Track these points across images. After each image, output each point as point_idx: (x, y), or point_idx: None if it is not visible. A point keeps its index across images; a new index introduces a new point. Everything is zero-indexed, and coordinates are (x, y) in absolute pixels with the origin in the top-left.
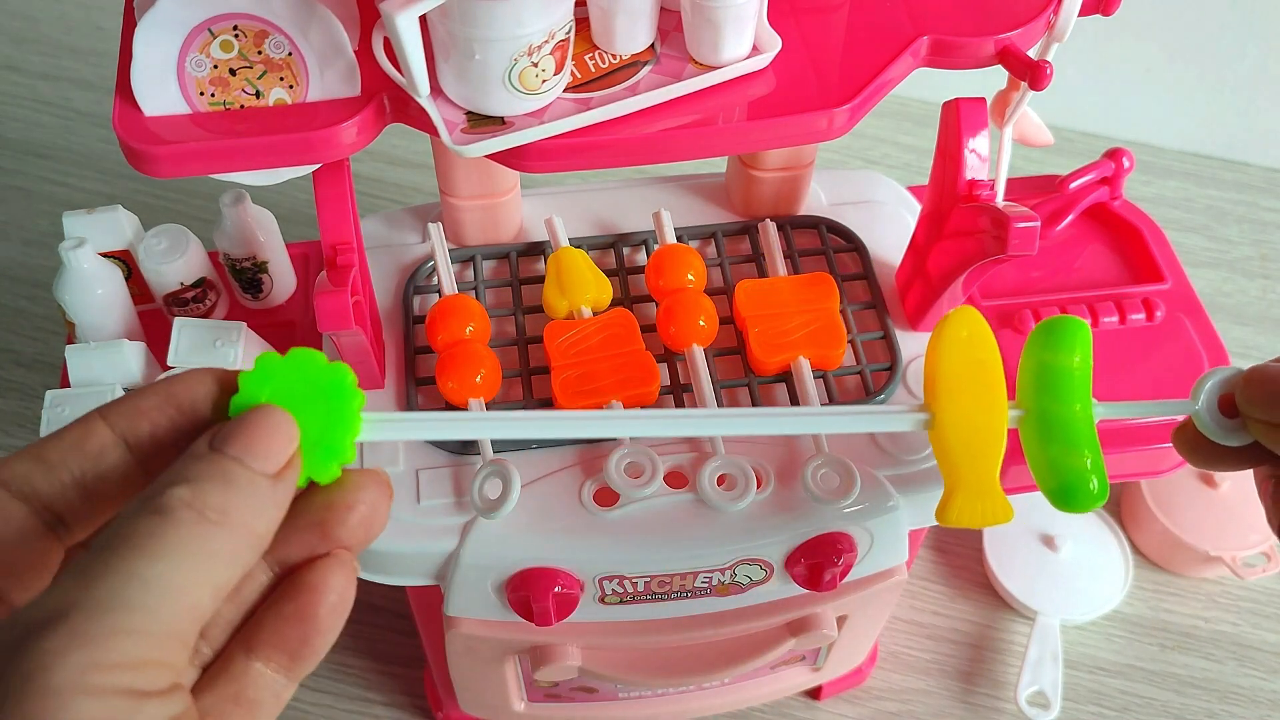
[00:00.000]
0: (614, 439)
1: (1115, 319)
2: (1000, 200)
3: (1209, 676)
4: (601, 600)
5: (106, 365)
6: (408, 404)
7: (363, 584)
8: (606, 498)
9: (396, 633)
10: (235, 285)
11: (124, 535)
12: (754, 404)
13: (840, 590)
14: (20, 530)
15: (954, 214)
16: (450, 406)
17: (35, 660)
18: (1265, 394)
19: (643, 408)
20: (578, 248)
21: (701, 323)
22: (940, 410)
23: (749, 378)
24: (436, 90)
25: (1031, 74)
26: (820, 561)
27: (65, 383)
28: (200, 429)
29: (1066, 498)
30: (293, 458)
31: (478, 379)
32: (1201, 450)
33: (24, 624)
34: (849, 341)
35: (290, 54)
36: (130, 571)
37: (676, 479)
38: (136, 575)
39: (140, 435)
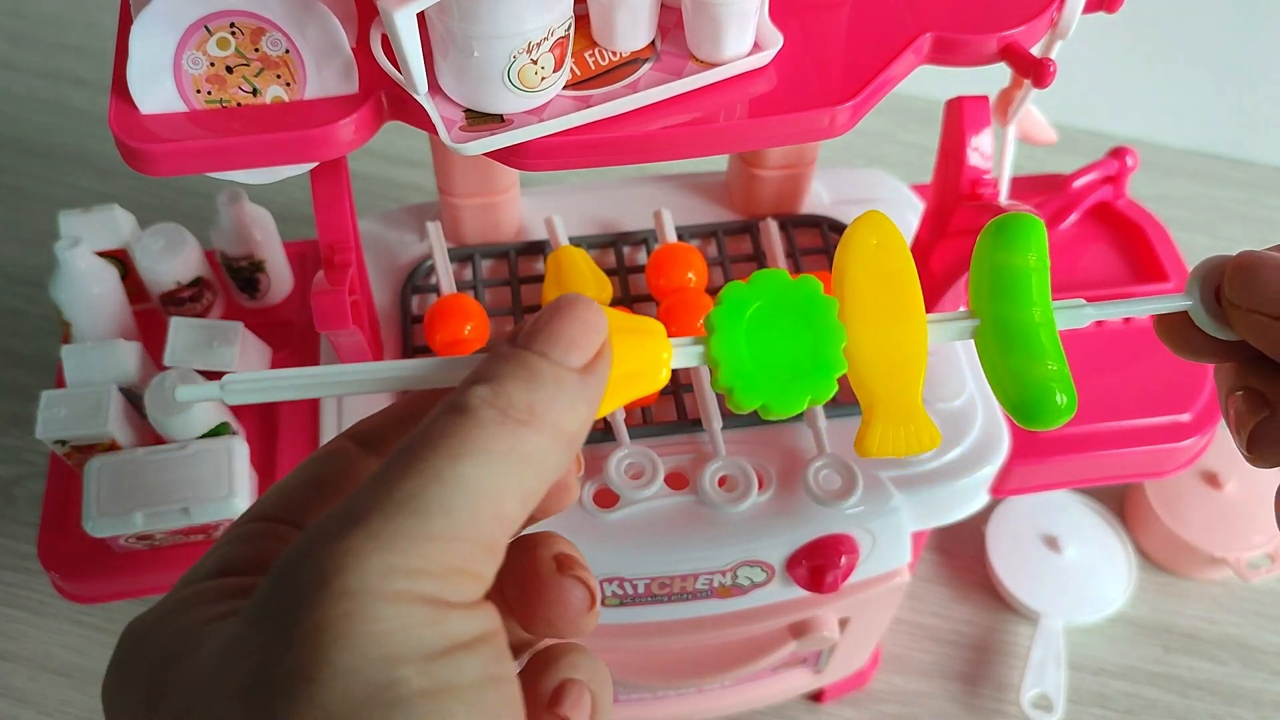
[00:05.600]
0: (614, 440)
1: (1119, 318)
2: (1004, 198)
3: (1213, 679)
4: (601, 602)
5: (102, 365)
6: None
7: None
8: (606, 499)
9: None
10: (232, 284)
11: (423, 436)
12: None
13: (842, 592)
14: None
15: (957, 212)
16: None
17: (331, 561)
18: (1248, 282)
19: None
20: (577, 246)
21: (702, 322)
22: (851, 327)
23: None
24: (435, 88)
25: (1035, 71)
26: (822, 563)
27: (61, 383)
28: None
29: (1030, 412)
30: (602, 348)
31: None
32: (1190, 341)
33: (320, 529)
34: None
35: (287, 51)
36: (429, 472)
37: (677, 480)
38: (436, 476)
39: None
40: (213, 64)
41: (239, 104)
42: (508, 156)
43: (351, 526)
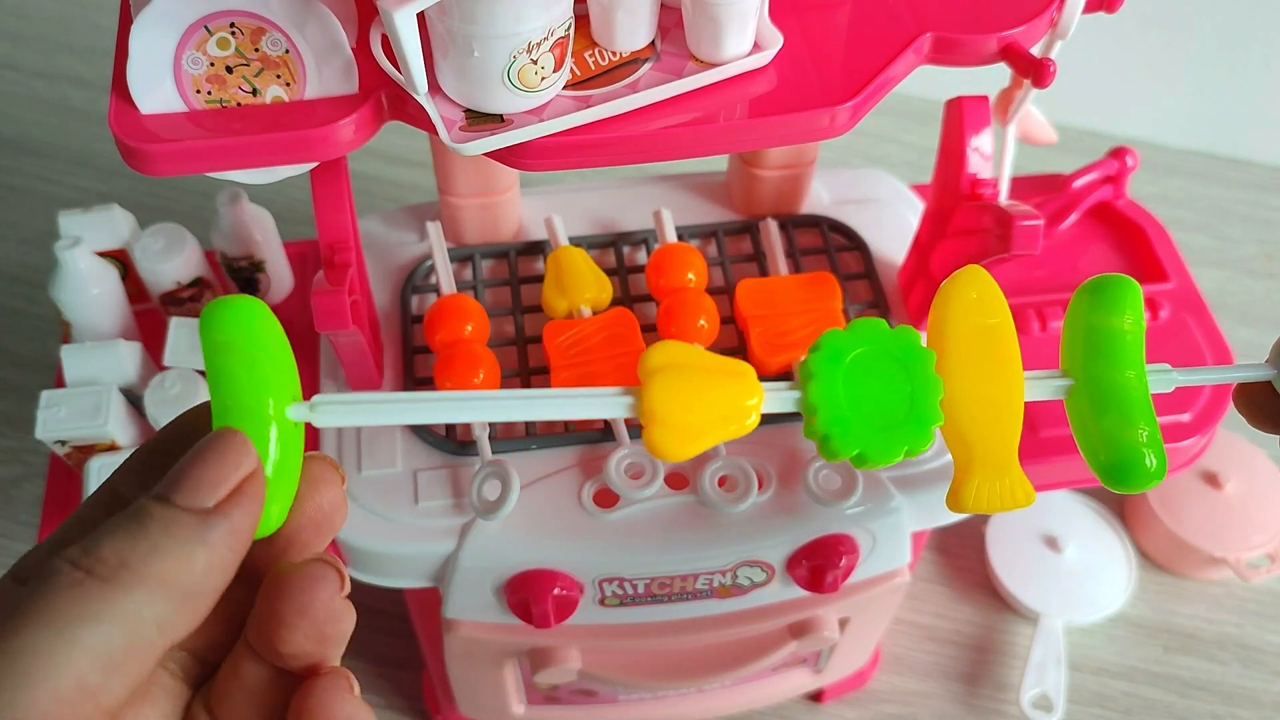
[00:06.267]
0: (614, 440)
1: None
2: (1004, 199)
3: (1213, 679)
4: (601, 602)
5: (102, 365)
6: None
7: (360, 586)
8: (606, 499)
9: (394, 635)
10: (232, 284)
11: None
12: None
13: (842, 592)
14: None
15: (957, 212)
16: None
17: None
18: None
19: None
20: (577, 246)
21: (702, 323)
22: (950, 380)
23: None
24: (435, 88)
25: (1035, 71)
26: (822, 563)
27: (60, 383)
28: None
29: (1121, 475)
30: (243, 484)
31: (476, 379)
32: (1268, 412)
33: None
34: None
35: (287, 51)
36: None
37: (677, 480)
38: None
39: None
40: (213, 64)
41: (239, 104)
42: (508, 156)
43: None
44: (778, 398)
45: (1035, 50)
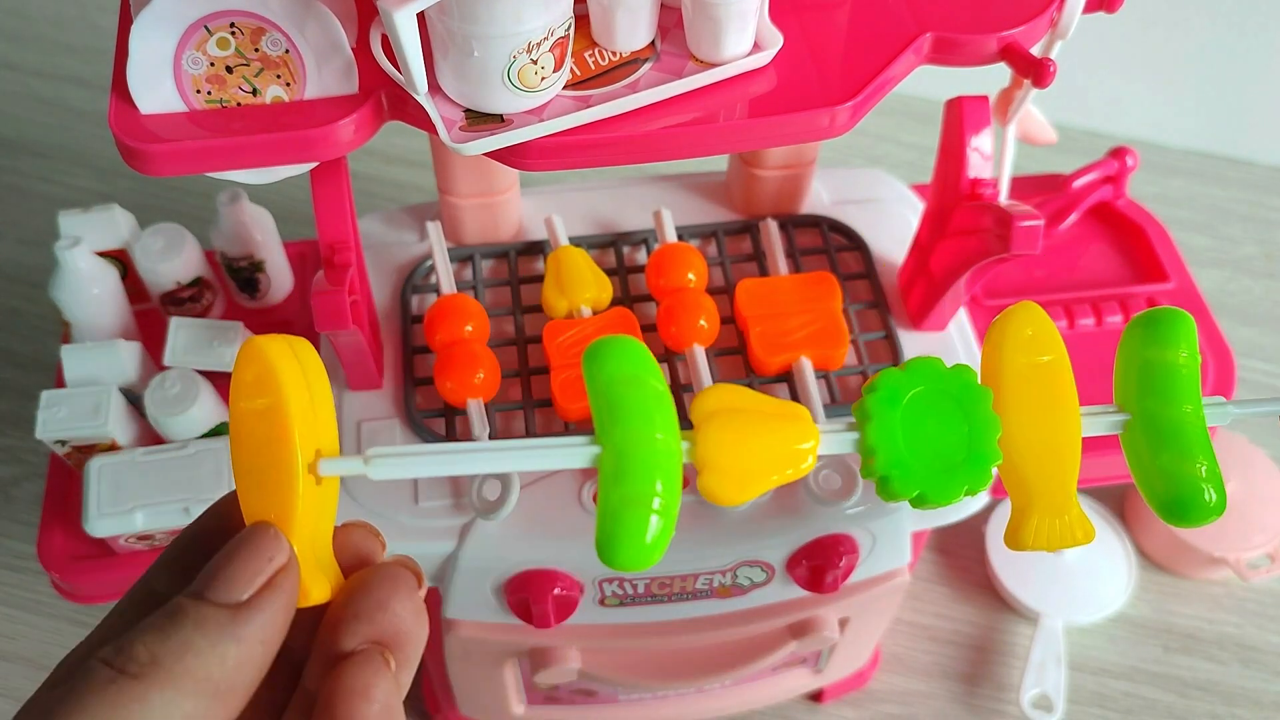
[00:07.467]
0: None
1: (1119, 318)
2: (1004, 199)
3: (1213, 679)
4: (601, 602)
5: (102, 365)
6: (406, 404)
7: None
8: None
9: None
10: (232, 284)
11: (32, 704)
12: None
13: (842, 592)
14: None
15: (957, 213)
16: (449, 407)
17: None
18: None
19: None
20: (577, 246)
21: (702, 323)
22: (1007, 419)
23: (750, 378)
24: (435, 88)
25: (1035, 71)
26: (822, 563)
27: (60, 383)
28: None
29: (1181, 511)
30: (275, 578)
31: (476, 379)
32: None
33: None
34: (851, 341)
35: (287, 51)
36: None
37: None
38: None
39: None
40: (213, 64)
41: (239, 104)
42: (508, 156)
43: None
44: (835, 439)
45: (1035, 50)
